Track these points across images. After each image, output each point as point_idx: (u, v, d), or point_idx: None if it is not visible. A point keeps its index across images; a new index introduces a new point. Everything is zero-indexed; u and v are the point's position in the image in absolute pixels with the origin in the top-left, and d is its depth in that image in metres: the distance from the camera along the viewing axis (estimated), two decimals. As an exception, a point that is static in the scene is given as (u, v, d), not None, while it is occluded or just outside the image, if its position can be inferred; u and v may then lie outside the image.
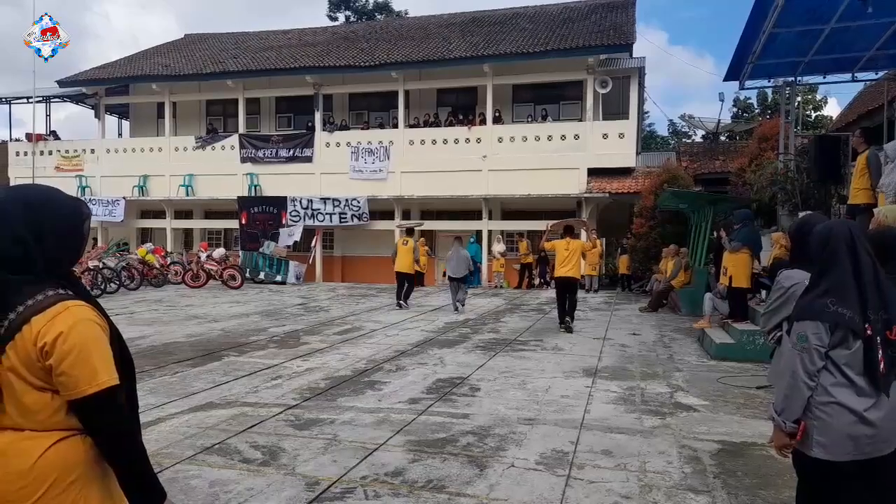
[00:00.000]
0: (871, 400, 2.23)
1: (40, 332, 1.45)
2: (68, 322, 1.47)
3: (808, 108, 34.05)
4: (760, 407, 5.69)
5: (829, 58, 10.61)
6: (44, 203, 1.57)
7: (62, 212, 1.59)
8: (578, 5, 24.57)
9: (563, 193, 19.46)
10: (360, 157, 21.55)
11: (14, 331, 1.46)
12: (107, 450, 1.51)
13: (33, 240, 1.51)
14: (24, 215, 1.52)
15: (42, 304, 1.48)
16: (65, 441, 1.49)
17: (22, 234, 1.50)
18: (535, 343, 9.11)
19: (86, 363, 1.46)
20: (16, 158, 25.25)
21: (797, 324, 2.33)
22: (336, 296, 16.20)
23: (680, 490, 3.80)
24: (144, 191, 23.79)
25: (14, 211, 1.52)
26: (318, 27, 29.65)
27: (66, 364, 1.45)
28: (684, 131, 41.28)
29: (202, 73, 23.21)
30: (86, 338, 1.48)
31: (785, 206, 11.19)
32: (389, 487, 3.82)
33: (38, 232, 1.52)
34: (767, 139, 15.12)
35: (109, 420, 1.50)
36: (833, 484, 2.29)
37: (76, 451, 1.50)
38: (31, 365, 1.46)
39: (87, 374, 1.46)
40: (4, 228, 1.50)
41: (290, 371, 7.06)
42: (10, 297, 1.48)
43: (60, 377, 1.46)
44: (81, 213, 1.65)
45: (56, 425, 1.49)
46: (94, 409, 1.48)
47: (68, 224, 1.60)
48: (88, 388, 1.46)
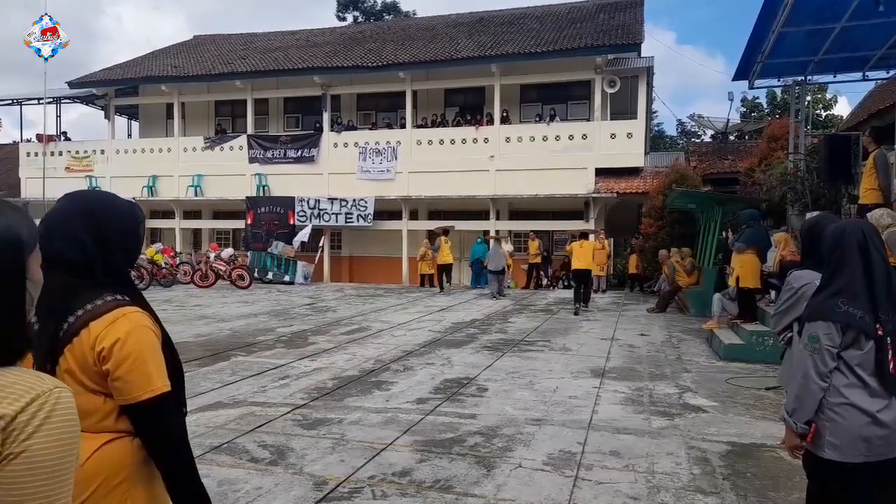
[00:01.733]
0: (883, 401, 2.21)
1: (98, 336, 1.48)
2: (126, 328, 1.50)
3: (818, 107, 33.82)
4: (770, 408, 5.66)
5: (839, 57, 10.52)
6: (103, 209, 1.60)
7: (120, 217, 1.63)
8: (586, 5, 24.49)
9: (570, 193, 19.41)
10: (367, 157, 21.58)
11: (73, 334, 1.48)
12: (156, 454, 1.54)
13: (94, 245, 1.54)
14: (85, 221, 1.55)
15: (100, 308, 1.50)
16: (113, 443, 1.51)
17: (84, 239, 1.53)
18: (542, 343, 9.10)
19: (141, 369, 1.49)
20: (27, 159, 25.45)
21: (808, 324, 2.31)
22: (344, 296, 16.23)
23: (689, 491, 3.78)
24: (154, 191, 23.93)
25: (76, 217, 1.56)
26: (326, 28, 29.73)
27: (123, 369, 1.48)
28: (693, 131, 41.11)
29: (211, 74, 23.32)
30: (142, 345, 1.51)
31: (795, 206, 11.11)
32: (397, 487, 3.82)
33: (98, 237, 1.55)
34: (777, 139, 15.02)
35: (161, 425, 1.53)
36: (844, 486, 2.27)
37: (124, 453, 1.52)
38: (88, 368, 1.48)
39: (142, 380, 1.49)
40: (68, 234, 1.53)
41: (298, 371, 7.08)
42: (71, 302, 1.50)
43: (116, 382, 1.48)
44: (137, 217, 1.69)
45: (106, 428, 1.51)
46: (146, 413, 1.51)
47: (126, 228, 1.64)
48: (143, 393, 1.49)
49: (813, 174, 10.92)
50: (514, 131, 20.58)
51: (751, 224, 9.19)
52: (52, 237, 1.50)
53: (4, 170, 29.10)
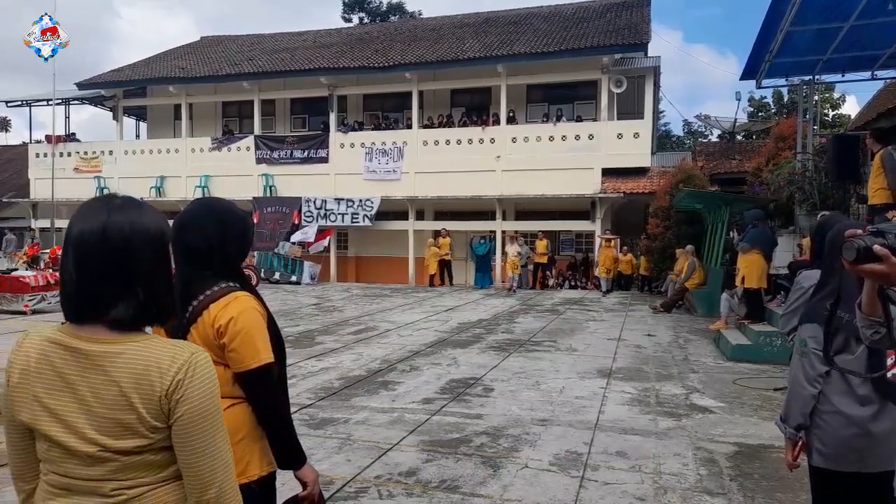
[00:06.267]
0: (873, 409, 2.12)
1: (216, 316, 1.77)
2: (238, 309, 1.79)
3: (825, 106, 33.61)
4: (777, 409, 5.61)
5: (847, 56, 10.45)
6: (227, 212, 1.93)
7: (238, 221, 1.95)
8: (592, 5, 24.43)
9: (577, 194, 19.37)
10: (373, 157, 21.61)
11: (197, 315, 1.79)
12: (261, 416, 1.82)
13: (217, 242, 1.85)
14: (212, 223, 1.87)
15: (217, 293, 1.81)
16: (234, 406, 1.79)
17: (210, 237, 1.85)
18: (549, 344, 9.08)
19: (250, 343, 1.77)
20: (36, 160, 25.59)
21: (800, 328, 2.28)
22: (350, 296, 16.25)
23: (695, 492, 3.77)
24: (161, 192, 24.01)
25: (206, 217, 1.88)
26: (332, 29, 29.78)
27: (236, 343, 1.76)
28: (700, 131, 40.98)
29: (218, 75, 23.40)
30: (251, 323, 1.79)
31: (803, 206, 11.06)
32: (403, 487, 3.82)
33: (221, 236, 1.86)
34: (784, 138, 14.93)
35: (266, 391, 1.81)
36: (835, 494, 2.22)
37: (243, 415, 1.80)
38: (210, 343, 1.76)
39: (251, 351, 1.77)
40: (198, 232, 1.85)
41: (305, 371, 7.09)
42: (193, 289, 1.81)
43: (231, 353, 1.77)
44: (248, 223, 2.03)
45: (227, 394, 1.74)
46: (254, 381, 1.79)
47: (241, 230, 1.95)
48: (252, 362, 1.77)
49: (821, 174, 10.85)
50: (521, 131, 20.55)
51: (755, 224, 9.16)
52: (185, 230, 1.85)
53: (14, 170, 29.34)
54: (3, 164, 31.40)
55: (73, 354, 1.22)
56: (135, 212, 1.28)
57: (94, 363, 1.21)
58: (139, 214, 1.28)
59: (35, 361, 1.23)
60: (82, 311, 1.24)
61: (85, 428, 1.20)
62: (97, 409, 1.20)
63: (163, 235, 1.31)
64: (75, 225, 1.26)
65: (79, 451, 1.20)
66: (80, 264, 1.23)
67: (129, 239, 1.24)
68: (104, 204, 1.28)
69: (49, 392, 1.21)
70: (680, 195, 14.58)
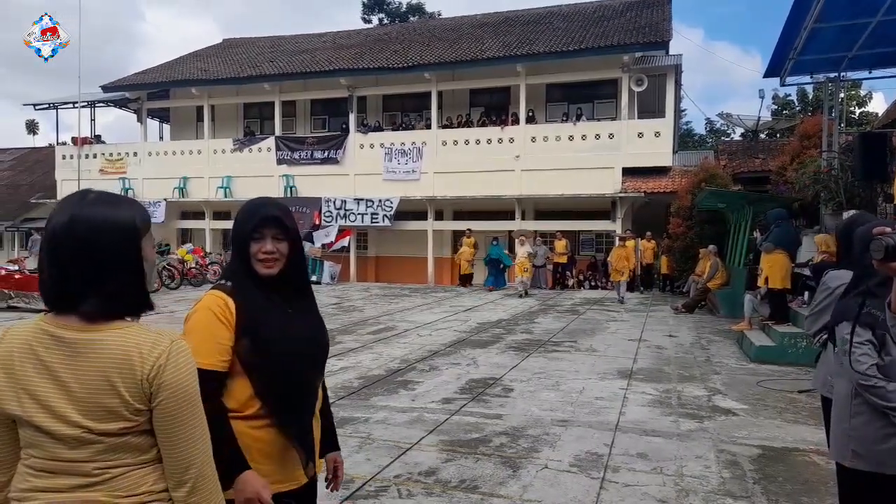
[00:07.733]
0: None
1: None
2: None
3: (851, 104, 32.98)
4: (802, 412, 5.54)
5: (874, 52, 10.25)
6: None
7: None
8: (613, 3, 24.23)
9: (597, 193, 19.23)
10: (393, 157, 21.67)
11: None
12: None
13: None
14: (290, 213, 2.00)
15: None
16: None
17: (292, 225, 1.95)
18: (569, 344, 9.04)
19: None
20: (62, 161, 26.10)
21: (836, 328, 2.24)
22: (370, 296, 16.32)
23: (718, 495, 3.72)
24: (184, 192, 24.33)
25: (286, 209, 2.00)
26: (352, 30, 29.93)
27: None
28: (722, 129, 40.41)
29: (239, 77, 23.64)
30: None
31: (828, 206, 10.86)
32: (423, 486, 3.83)
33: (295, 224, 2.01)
34: (809, 137, 14.68)
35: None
36: (869, 498, 2.18)
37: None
38: None
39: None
40: (291, 216, 1.96)
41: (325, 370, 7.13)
42: None
43: None
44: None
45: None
46: None
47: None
48: None
49: (847, 172, 10.64)
50: (540, 131, 20.46)
51: (778, 224, 9.02)
52: (287, 216, 1.92)
53: (42, 172, 29.90)
54: (31, 166, 32.03)
55: (57, 342, 1.26)
56: (105, 206, 1.31)
57: (76, 350, 1.25)
58: (110, 208, 1.31)
59: (18, 352, 1.27)
60: (57, 302, 1.29)
61: (70, 412, 1.23)
62: (81, 394, 1.24)
63: (133, 229, 1.32)
64: (50, 219, 1.30)
65: (64, 434, 1.23)
66: (51, 257, 1.28)
67: (96, 232, 1.27)
68: (78, 199, 1.32)
69: (32, 379, 1.25)
70: (702, 194, 14.41)
